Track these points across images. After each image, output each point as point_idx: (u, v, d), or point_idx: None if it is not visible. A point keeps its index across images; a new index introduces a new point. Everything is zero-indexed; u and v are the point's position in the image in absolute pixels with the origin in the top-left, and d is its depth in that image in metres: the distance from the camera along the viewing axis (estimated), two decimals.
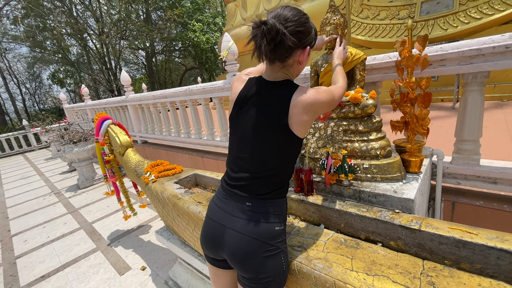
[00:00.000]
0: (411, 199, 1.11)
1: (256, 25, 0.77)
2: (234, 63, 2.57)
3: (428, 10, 5.25)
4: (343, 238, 1.05)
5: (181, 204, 1.54)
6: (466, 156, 1.55)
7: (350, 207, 1.21)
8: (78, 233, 3.10)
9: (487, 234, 0.91)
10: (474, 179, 1.55)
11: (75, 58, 19.96)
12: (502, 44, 1.24)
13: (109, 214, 3.47)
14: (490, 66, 1.32)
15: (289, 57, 0.84)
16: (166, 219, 1.86)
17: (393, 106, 1.42)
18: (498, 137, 2.94)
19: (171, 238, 1.85)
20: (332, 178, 1.30)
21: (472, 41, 1.33)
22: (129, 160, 2.27)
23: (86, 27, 18.27)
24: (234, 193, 0.90)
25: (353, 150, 1.36)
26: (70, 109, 7.44)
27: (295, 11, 0.81)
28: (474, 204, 1.52)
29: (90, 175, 4.86)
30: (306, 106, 0.82)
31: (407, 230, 1.03)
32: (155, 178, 1.98)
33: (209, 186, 1.98)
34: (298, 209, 1.39)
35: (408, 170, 1.35)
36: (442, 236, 0.95)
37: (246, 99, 0.91)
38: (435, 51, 1.42)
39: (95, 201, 4.02)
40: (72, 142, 4.55)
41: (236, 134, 0.94)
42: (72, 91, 22.39)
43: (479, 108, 1.47)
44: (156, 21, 20.90)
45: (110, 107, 5.49)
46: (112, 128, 2.46)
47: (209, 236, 0.94)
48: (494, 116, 3.87)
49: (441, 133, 3.28)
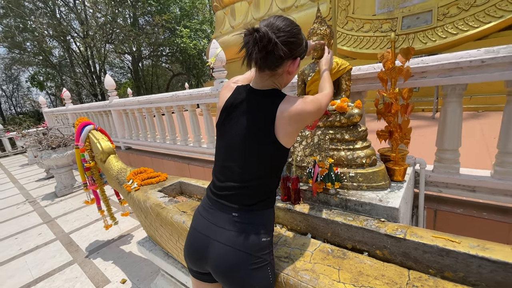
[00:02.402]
0: (396, 208, 1.12)
1: (248, 32, 0.76)
2: (222, 70, 2.56)
3: (409, 24, 5.50)
4: (330, 248, 1.04)
5: (164, 214, 1.48)
6: (446, 165, 1.60)
7: (336, 216, 1.20)
8: (54, 244, 2.92)
9: (469, 243, 0.92)
10: (455, 187, 1.60)
11: (57, 60, 19.31)
12: (478, 59, 1.30)
13: (88, 223, 3.31)
14: (467, 79, 1.38)
15: (279, 66, 0.84)
16: (149, 229, 1.79)
17: (378, 116, 1.45)
18: (475, 147, 3.07)
19: (153, 249, 1.78)
20: (319, 186, 1.30)
21: (451, 54, 1.40)
22: (111, 167, 2.19)
23: (69, 29, 17.79)
24: (220, 203, 0.87)
25: (340, 158, 1.37)
26: (50, 113, 7.14)
27: (288, 22, 0.81)
28: (455, 212, 1.56)
29: (69, 183, 4.64)
30: (292, 116, 0.81)
31: (393, 239, 1.03)
32: (138, 186, 1.91)
33: (194, 194, 1.93)
34: (285, 218, 1.37)
35: (392, 179, 1.38)
36: (426, 245, 0.96)
37: (233, 107, 0.89)
38: (416, 64, 1.47)
39: (73, 210, 3.82)
40: (50, 148, 4.34)
41: (222, 143, 0.92)
42: (53, 95, 21.57)
43: (458, 118, 1.53)
44: (144, 25, 20.70)
45: (93, 111, 5.31)
46: (94, 133, 2.36)
47: (193, 248, 0.90)
48: (471, 126, 4.06)
49: (423, 142, 3.39)
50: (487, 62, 1.29)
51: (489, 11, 4.65)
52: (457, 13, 4.96)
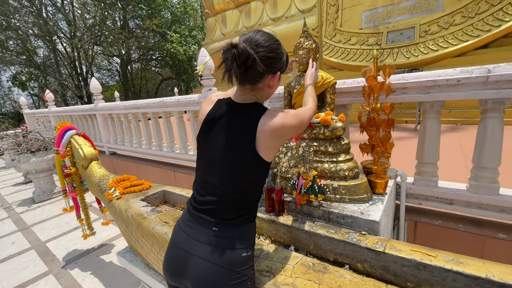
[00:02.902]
0: (377, 221, 1.15)
1: (226, 49, 0.76)
2: (210, 78, 2.57)
3: (393, 39, 5.73)
4: (311, 262, 1.04)
5: (146, 224, 1.45)
6: (426, 177, 1.65)
7: (319, 228, 1.21)
8: (28, 254, 2.78)
9: (444, 257, 0.95)
10: (433, 199, 1.65)
11: (41, 60, 18.74)
12: (454, 78, 1.37)
13: (67, 231, 3.17)
14: (444, 96, 1.45)
15: (259, 81, 0.84)
16: (130, 239, 1.74)
17: (361, 130, 1.49)
18: (454, 159, 3.20)
19: (133, 260, 1.72)
20: (303, 198, 1.31)
21: (430, 73, 1.46)
22: (93, 174, 2.12)
23: (56, 30, 17.37)
24: (200, 217, 0.86)
25: (323, 170, 1.39)
26: (31, 115, 6.88)
27: (267, 37, 0.82)
28: (434, 224, 1.61)
29: (48, 188, 4.45)
30: (273, 131, 0.81)
31: (373, 252, 1.05)
32: (120, 194, 1.86)
33: (178, 203, 1.90)
34: (269, 229, 1.37)
35: (374, 191, 1.41)
36: (404, 258, 0.98)
37: (214, 121, 0.89)
38: (398, 80, 1.53)
39: (52, 217, 3.66)
40: (29, 151, 4.17)
41: (203, 156, 0.91)
42: (36, 95, 20.83)
43: (437, 133, 1.59)
44: (134, 29, 20.51)
45: (77, 115, 5.16)
46: (76, 139, 2.30)
47: (172, 263, 0.88)
48: (450, 138, 4.23)
49: (405, 153, 3.49)
50: (462, 82, 1.36)
51: (466, 30, 4.92)
52: (438, 30, 5.21)
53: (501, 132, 1.40)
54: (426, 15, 5.35)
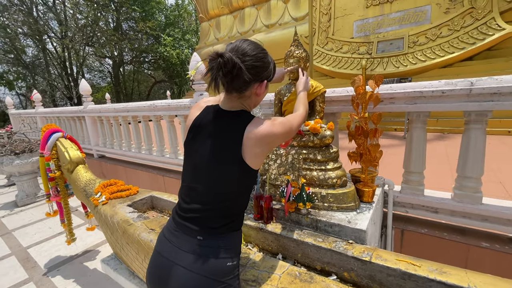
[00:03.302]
0: (364, 230, 1.15)
1: (212, 58, 0.76)
2: (202, 83, 2.56)
3: (383, 49, 5.88)
4: (298, 271, 1.03)
5: (131, 231, 1.42)
6: (412, 186, 1.68)
7: (307, 236, 1.21)
8: (8, 260, 2.66)
9: (428, 266, 0.96)
10: (420, 208, 1.67)
11: (30, 60, 18.32)
12: (439, 89, 1.41)
13: (50, 237, 3.07)
14: (430, 107, 1.48)
15: (246, 89, 0.84)
16: (115, 246, 1.69)
17: (349, 138, 1.51)
18: (441, 167, 3.27)
19: (118, 268, 1.68)
20: (291, 206, 1.31)
21: (416, 84, 1.50)
22: (79, 178, 2.07)
23: (46, 29, 17.06)
24: (185, 225, 0.85)
25: (312, 178, 1.40)
26: (17, 116, 6.69)
27: (253, 46, 0.82)
28: (420, 232, 1.63)
29: (32, 191, 4.31)
30: (259, 139, 0.81)
31: (359, 261, 1.05)
32: (106, 199, 1.81)
33: (166, 210, 1.87)
34: (257, 237, 1.36)
35: (362, 200, 1.42)
36: (390, 268, 0.99)
37: (200, 127, 0.88)
38: (385, 90, 1.56)
39: (35, 221, 3.53)
40: (13, 153, 4.04)
41: (189, 163, 0.90)
42: (23, 95, 20.30)
43: (423, 143, 1.63)
44: (127, 31, 20.36)
45: (65, 116, 5.05)
46: (62, 142, 2.24)
47: (155, 272, 0.86)
48: (437, 147, 4.33)
49: (394, 161, 3.56)
50: (447, 93, 1.39)
51: (452, 42, 5.10)
52: (426, 42, 5.39)
53: (484, 143, 1.44)
54: (415, 26, 5.53)
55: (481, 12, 4.93)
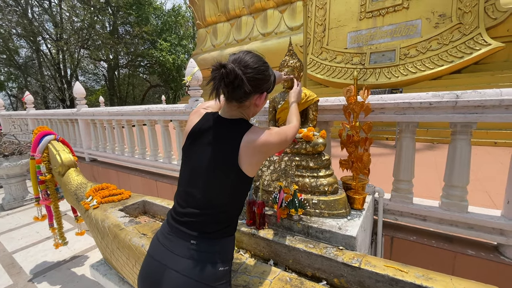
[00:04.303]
0: (354, 237, 1.18)
1: (215, 68, 0.79)
2: (198, 89, 2.59)
3: (376, 60, 6.04)
4: (288, 277, 1.05)
5: (122, 236, 1.41)
6: (401, 194, 1.72)
7: (298, 242, 1.23)
8: None
9: (415, 272, 0.99)
10: (409, 215, 1.71)
11: (23, 61, 18.08)
12: (427, 101, 1.47)
13: (37, 242, 2.99)
14: (418, 118, 1.54)
15: (246, 99, 0.87)
16: (105, 251, 1.67)
17: (341, 146, 1.55)
18: (429, 176, 3.35)
19: (108, 274, 1.65)
20: (283, 212, 1.33)
21: (405, 95, 1.55)
22: (70, 181, 2.04)
23: (41, 30, 16.93)
24: (180, 229, 0.86)
25: (304, 185, 1.42)
26: (7, 117, 6.57)
27: (256, 59, 0.85)
28: (409, 239, 1.67)
29: (20, 195, 4.21)
30: (256, 147, 0.84)
31: (349, 267, 1.07)
32: (97, 204, 1.79)
33: (158, 215, 1.86)
34: (249, 243, 1.37)
35: (352, 207, 1.45)
36: (378, 274, 1.01)
37: (199, 133, 0.90)
38: (376, 100, 1.62)
39: (22, 225, 3.45)
40: (2, 155, 3.95)
41: (186, 167, 0.92)
42: (14, 96, 19.96)
43: (412, 152, 1.68)
44: (123, 35, 20.36)
45: (58, 119, 4.99)
46: (54, 144, 2.22)
47: (147, 276, 0.86)
48: (427, 156, 4.43)
49: (385, 169, 3.62)
50: (434, 105, 1.45)
51: (441, 55, 5.28)
52: (416, 54, 5.56)
53: (469, 153, 1.49)
54: (406, 39, 5.71)
55: (469, 27, 5.14)
